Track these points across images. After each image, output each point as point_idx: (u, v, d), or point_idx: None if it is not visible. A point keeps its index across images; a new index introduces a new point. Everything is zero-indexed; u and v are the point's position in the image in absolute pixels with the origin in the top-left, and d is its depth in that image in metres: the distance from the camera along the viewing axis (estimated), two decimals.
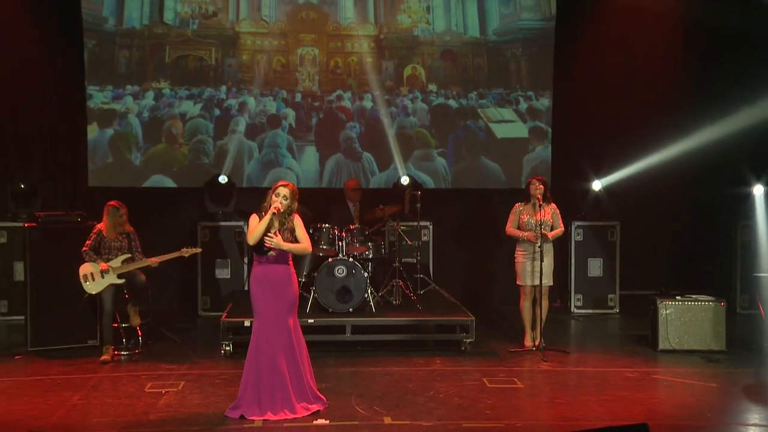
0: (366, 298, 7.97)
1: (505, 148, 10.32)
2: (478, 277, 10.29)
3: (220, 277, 9.57)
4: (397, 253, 8.60)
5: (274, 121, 10.17)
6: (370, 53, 10.15)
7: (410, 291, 8.63)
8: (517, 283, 7.89)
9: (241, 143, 10.11)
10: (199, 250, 8.04)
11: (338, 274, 7.90)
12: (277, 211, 5.82)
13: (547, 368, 7.26)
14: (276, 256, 5.90)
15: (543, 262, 7.63)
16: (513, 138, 10.32)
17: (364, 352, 7.69)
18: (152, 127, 10.03)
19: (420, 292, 8.93)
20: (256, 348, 5.87)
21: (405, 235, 8.81)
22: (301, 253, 6.21)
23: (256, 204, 6.11)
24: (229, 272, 9.59)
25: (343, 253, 8.08)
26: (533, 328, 7.87)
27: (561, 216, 7.93)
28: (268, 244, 5.82)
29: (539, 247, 7.61)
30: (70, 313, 7.70)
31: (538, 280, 7.68)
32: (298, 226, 5.97)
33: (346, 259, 7.96)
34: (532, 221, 7.74)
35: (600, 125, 10.17)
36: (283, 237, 5.89)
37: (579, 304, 9.82)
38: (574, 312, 9.78)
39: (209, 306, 9.51)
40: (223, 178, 9.72)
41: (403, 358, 7.48)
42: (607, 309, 9.81)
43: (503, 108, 10.29)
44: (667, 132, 9.82)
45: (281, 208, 5.84)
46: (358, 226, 8.39)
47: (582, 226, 9.83)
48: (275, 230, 5.87)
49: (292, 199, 5.92)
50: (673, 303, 7.76)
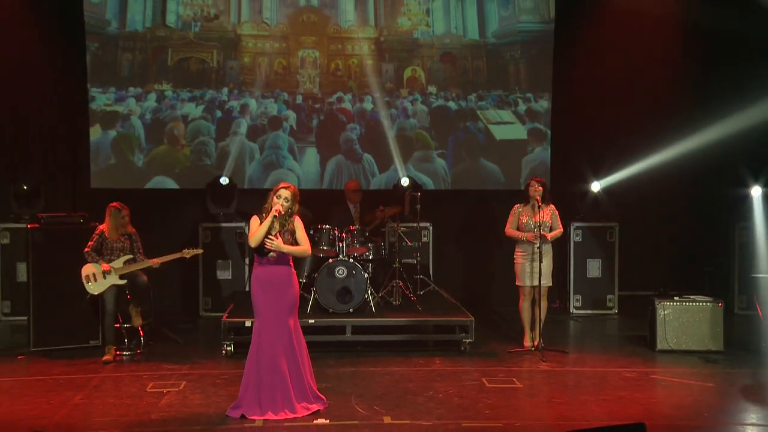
0: (366, 299, 7.98)
1: (504, 149, 10.34)
2: (478, 278, 10.30)
3: (221, 278, 9.59)
4: (397, 254, 8.61)
5: (275, 123, 10.19)
6: (370, 55, 10.17)
7: (410, 292, 8.64)
8: (517, 283, 7.90)
9: (243, 145, 10.13)
10: (201, 251, 8.03)
11: (339, 275, 7.91)
12: (278, 214, 5.83)
13: (546, 368, 7.26)
14: (277, 257, 5.91)
15: (542, 263, 7.64)
16: (512, 140, 10.34)
17: (364, 353, 7.69)
18: (154, 129, 10.05)
19: (420, 293, 8.94)
20: (257, 348, 5.88)
21: (405, 236, 8.82)
22: (301, 256, 6.24)
23: (257, 205, 6.12)
24: (231, 273, 9.60)
25: (343, 254, 8.10)
26: (532, 328, 7.88)
27: (560, 217, 7.95)
28: (268, 246, 5.84)
29: (538, 248, 7.62)
30: (73, 314, 7.72)
31: (537, 281, 7.68)
32: (298, 228, 5.98)
33: (346, 260, 7.97)
34: (531, 222, 7.76)
35: (599, 127, 10.18)
36: (284, 239, 5.90)
37: (578, 305, 9.83)
38: (573, 313, 9.78)
39: (210, 307, 9.52)
40: (224, 180, 9.75)
41: (403, 359, 7.49)
42: (605, 310, 9.82)
43: (502, 110, 10.31)
44: (666, 134, 9.82)
45: (282, 211, 5.86)
46: (358, 227, 8.40)
47: (581, 227, 9.84)
48: (276, 232, 5.89)
49: (293, 201, 5.94)
50: (671, 303, 7.77)
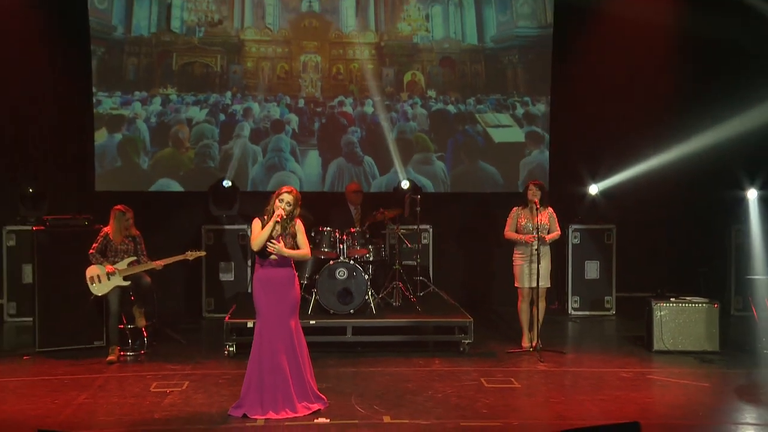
0: (366, 300, 8.00)
1: (503, 152, 10.37)
2: (477, 279, 10.32)
3: (224, 280, 9.60)
4: (397, 256, 8.63)
5: (277, 126, 10.23)
6: (370, 60, 10.21)
7: (410, 293, 8.65)
8: (515, 285, 7.92)
9: (246, 147, 10.17)
10: (203, 254, 8.03)
11: (339, 277, 7.93)
12: (280, 219, 5.86)
13: (544, 369, 7.27)
14: (278, 259, 5.93)
15: (540, 264, 7.66)
16: (510, 142, 10.36)
17: (364, 353, 7.70)
18: (159, 132, 10.10)
19: (420, 294, 8.96)
20: (259, 349, 5.90)
21: (405, 238, 8.84)
22: (301, 259, 6.27)
23: (259, 207, 6.13)
24: (233, 275, 9.62)
25: (344, 256, 8.10)
26: (531, 329, 7.89)
27: (558, 219, 7.97)
28: (270, 250, 5.86)
29: (536, 249, 7.64)
30: (77, 315, 7.74)
31: (536, 283, 7.71)
32: (299, 232, 6.00)
33: (347, 261, 7.98)
34: (529, 225, 7.77)
35: (597, 130, 10.18)
36: (285, 242, 5.92)
37: (576, 306, 9.84)
38: (572, 314, 9.79)
39: (213, 308, 9.53)
40: (226, 183, 9.77)
41: (403, 359, 7.51)
42: (603, 311, 9.83)
43: (500, 113, 10.34)
44: (663, 137, 9.85)
45: (284, 215, 5.88)
46: (359, 229, 8.42)
47: (579, 230, 9.86)
48: (278, 236, 5.91)
49: (295, 205, 5.96)
50: (668, 305, 7.78)
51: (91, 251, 7.55)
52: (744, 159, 9.31)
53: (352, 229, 8.36)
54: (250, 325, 7.19)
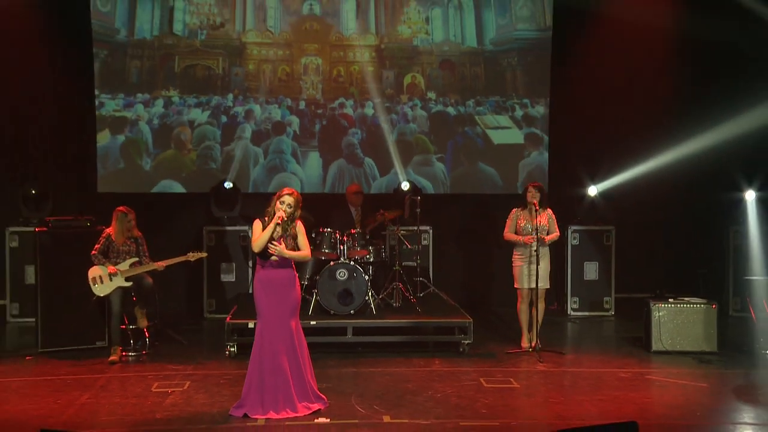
0: (367, 301, 8.01)
1: (502, 153, 10.38)
2: (477, 280, 10.32)
3: (225, 281, 9.61)
4: (397, 257, 8.64)
5: (278, 128, 10.25)
6: (371, 62, 10.23)
7: (410, 294, 8.66)
8: (515, 286, 7.92)
9: (247, 149, 10.20)
10: (205, 255, 8.03)
11: (340, 277, 7.93)
12: (281, 221, 5.87)
13: (543, 369, 7.28)
14: (279, 260, 5.94)
15: (539, 265, 7.67)
16: (509, 144, 10.38)
17: (364, 353, 7.71)
18: (162, 134, 10.12)
19: (420, 295, 8.97)
20: (260, 349, 5.91)
21: (405, 239, 8.85)
22: (302, 260, 6.27)
23: (260, 209, 6.12)
24: (234, 276, 9.63)
25: (344, 257, 8.11)
26: (530, 329, 7.90)
27: (557, 221, 7.97)
28: (271, 251, 5.87)
29: (535, 251, 7.65)
30: (80, 316, 7.75)
31: (535, 284, 7.71)
32: (300, 233, 6.02)
33: (347, 262, 7.99)
34: (529, 226, 7.78)
35: (596, 132, 10.20)
36: (286, 243, 5.93)
37: (575, 307, 9.84)
38: (571, 314, 9.79)
39: (214, 308, 9.54)
40: (228, 184, 9.79)
41: (403, 359, 7.51)
42: (602, 311, 9.83)
43: (500, 115, 10.35)
44: (661, 139, 9.84)
45: (285, 218, 5.89)
46: (359, 231, 8.42)
47: (578, 231, 9.86)
48: (279, 237, 5.92)
49: (296, 207, 5.97)
50: (666, 305, 7.78)
51: (94, 252, 7.56)
52: (742, 161, 9.32)
53: (353, 231, 8.36)
54: (251, 325, 7.20)
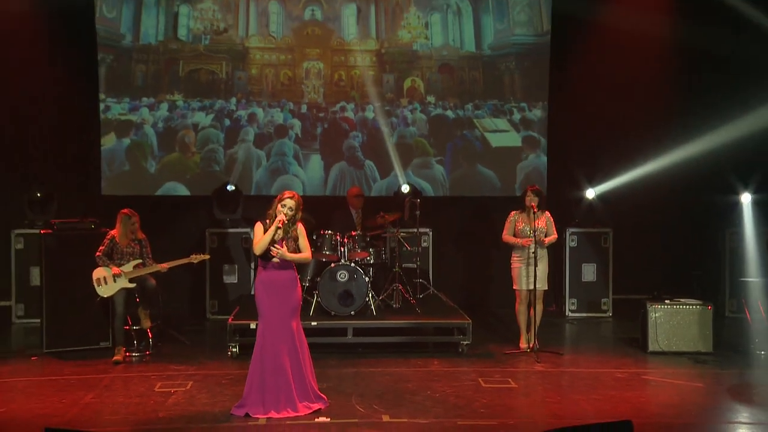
0: (367, 302, 8.02)
1: (500, 156, 10.41)
2: (476, 282, 10.33)
3: (227, 282, 9.64)
4: (397, 259, 8.65)
5: (281, 131, 10.28)
6: (371, 67, 10.27)
7: (410, 295, 8.67)
8: (513, 287, 7.93)
9: (250, 152, 10.23)
10: (207, 257, 8.05)
11: (340, 279, 7.95)
12: (282, 224, 5.89)
13: (541, 369, 7.29)
14: (281, 262, 5.96)
15: (537, 267, 7.68)
16: (507, 147, 10.41)
17: (364, 354, 7.72)
18: (166, 137, 10.16)
19: (419, 296, 8.98)
20: (261, 350, 5.92)
21: (405, 241, 8.86)
22: (303, 262, 6.29)
23: (262, 211, 6.13)
24: (236, 277, 9.65)
25: (345, 259, 8.13)
26: (528, 330, 7.91)
27: (555, 223, 7.98)
28: (273, 253, 5.90)
29: (533, 252, 7.66)
30: (84, 317, 7.76)
31: (533, 285, 7.73)
32: (301, 235, 6.03)
33: (348, 264, 8.01)
34: (527, 228, 7.80)
35: (594, 136, 10.21)
36: (288, 245, 5.95)
37: (573, 308, 9.85)
38: (569, 316, 9.80)
39: (217, 309, 9.56)
40: (230, 187, 9.81)
41: (403, 360, 7.53)
42: (600, 313, 9.83)
43: (498, 118, 10.38)
44: (658, 142, 9.86)
45: (286, 221, 5.91)
46: (359, 233, 8.44)
47: (576, 233, 9.87)
48: (280, 239, 5.94)
49: (297, 210, 5.98)
50: (662, 306, 7.79)
51: (98, 254, 7.58)
52: (737, 164, 9.32)
53: (353, 233, 8.38)
54: (253, 326, 7.19)
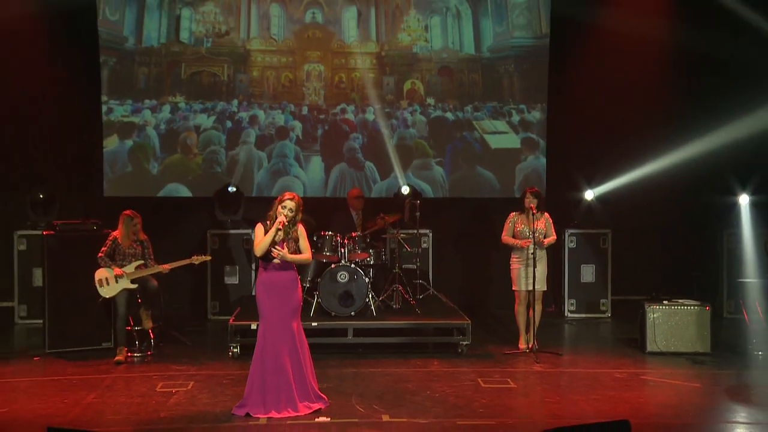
0: (367, 303, 8.03)
1: (499, 157, 10.43)
2: (475, 283, 10.33)
3: (228, 283, 9.65)
4: (397, 260, 8.67)
5: (282, 133, 10.30)
6: (371, 69, 10.29)
7: (410, 296, 8.68)
8: (512, 288, 7.94)
9: (252, 153, 10.25)
10: (209, 258, 8.07)
11: (341, 280, 7.96)
12: (282, 226, 5.90)
13: (540, 369, 7.30)
14: (281, 263, 5.97)
15: (536, 268, 7.70)
16: (506, 148, 10.43)
17: (365, 354, 7.73)
18: (169, 139, 10.19)
19: (419, 297, 8.98)
20: (262, 350, 5.93)
21: (405, 242, 8.87)
22: (304, 263, 6.31)
23: (263, 213, 6.14)
24: (238, 278, 9.66)
25: (345, 260, 8.14)
26: (527, 331, 7.92)
27: (554, 224, 8.00)
28: (274, 255, 5.91)
29: (532, 253, 7.68)
30: (86, 318, 7.78)
31: (532, 286, 7.74)
32: (301, 236, 6.05)
33: (348, 265, 8.02)
34: (526, 230, 7.81)
35: (593, 137, 10.22)
36: (288, 246, 5.96)
37: (572, 309, 9.86)
38: (568, 316, 9.81)
39: (218, 310, 9.58)
40: (231, 188, 9.83)
41: (403, 360, 7.54)
42: (599, 313, 9.85)
43: (497, 120, 10.40)
44: (657, 144, 9.86)
45: (286, 222, 5.92)
46: (360, 234, 8.45)
47: (575, 234, 9.88)
48: (281, 240, 5.95)
49: (297, 211, 6.00)
50: (660, 307, 7.80)
51: (100, 254, 7.59)
52: (736, 166, 9.33)
53: (354, 234, 8.39)
54: (254, 327, 7.21)
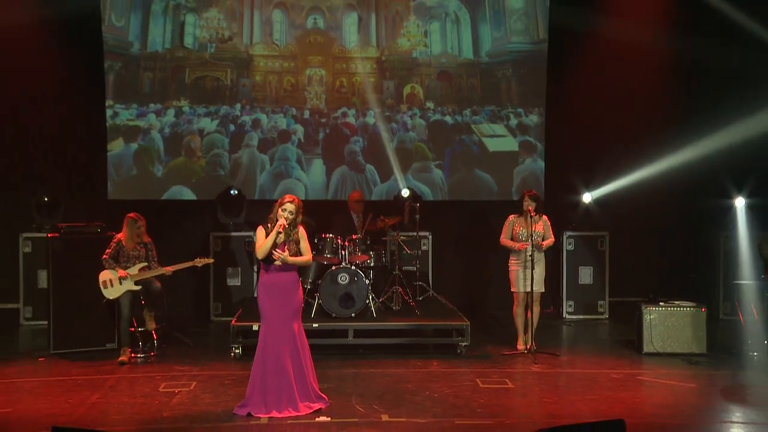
0: (367, 304, 8.05)
1: (497, 160, 10.45)
2: (474, 284, 10.34)
3: (230, 285, 9.66)
4: (397, 262, 8.69)
5: (284, 136, 10.34)
6: (372, 74, 10.32)
7: (409, 297, 8.69)
8: (511, 290, 7.96)
9: (254, 156, 10.29)
10: (212, 261, 8.09)
11: (341, 282, 7.99)
12: (282, 229, 5.93)
13: (538, 370, 7.31)
14: (282, 265, 5.99)
15: (534, 270, 7.72)
16: (504, 151, 10.45)
17: (365, 355, 7.74)
18: (173, 142, 10.22)
19: (419, 299, 8.99)
20: (263, 351, 5.95)
21: (405, 244, 8.88)
22: (304, 265, 6.33)
23: (265, 215, 6.16)
24: (240, 280, 9.68)
25: (345, 262, 8.16)
26: (525, 332, 7.94)
27: (552, 226, 8.01)
28: (275, 257, 5.94)
29: (530, 255, 7.70)
30: (90, 319, 7.80)
31: (530, 287, 7.76)
32: (302, 238, 6.07)
33: (348, 267, 8.03)
34: (524, 232, 7.83)
35: (591, 141, 10.23)
36: (289, 248, 5.98)
37: (570, 310, 9.87)
38: (566, 318, 9.82)
39: (220, 311, 9.59)
40: (234, 191, 9.86)
41: (402, 361, 7.55)
42: (597, 315, 9.85)
43: (495, 124, 10.43)
44: (654, 148, 9.88)
45: (286, 225, 5.94)
46: (360, 236, 8.47)
47: (573, 236, 9.89)
48: (282, 242, 5.98)
49: (297, 213, 6.02)
50: (657, 308, 7.81)
51: (105, 256, 7.62)
52: (732, 169, 9.34)
53: (354, 236, 8.41)
54: (256, 328, 7.25)
